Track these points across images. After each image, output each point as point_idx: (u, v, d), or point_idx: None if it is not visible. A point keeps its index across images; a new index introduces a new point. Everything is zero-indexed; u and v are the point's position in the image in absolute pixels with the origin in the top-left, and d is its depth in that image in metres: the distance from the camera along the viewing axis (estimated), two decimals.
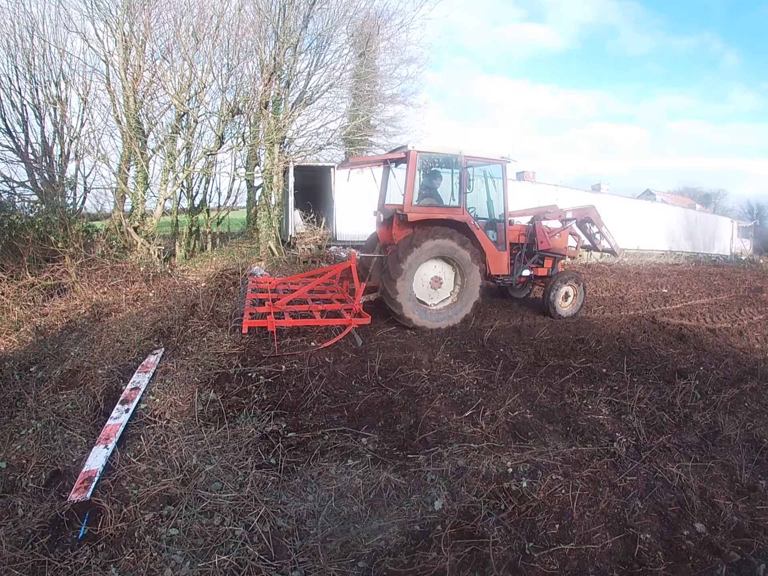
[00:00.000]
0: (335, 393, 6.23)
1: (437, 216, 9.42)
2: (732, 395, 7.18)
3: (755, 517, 4.38)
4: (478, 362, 7.63)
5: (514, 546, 3.72)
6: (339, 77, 20.77)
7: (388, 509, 4.11)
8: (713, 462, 5.23)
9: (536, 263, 11.26)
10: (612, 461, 5.00)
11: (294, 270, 15.26)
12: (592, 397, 6.61)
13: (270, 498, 4.20)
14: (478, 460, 4.76)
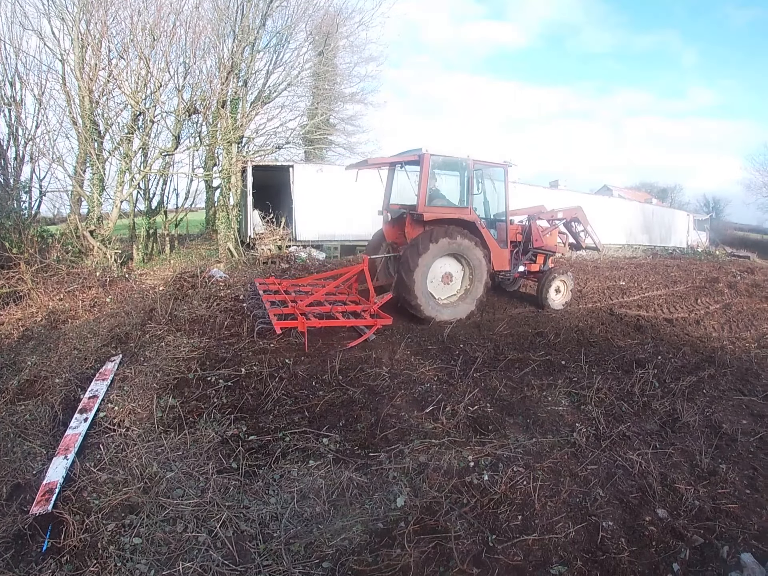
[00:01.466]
0: (296, 394, 6.15)
1: (449, 216, 9.98)
2: (690, 383, 7.35)
3: (716, 501, 4.47)
4: (438, 358, 7.66)
5: (477, 539, 3.73)
6: (297, 76, 20.72)
7: (351, 508, 4.09)
8: (673, 448, 5.33)
9: (530, 260, 12.03)
10: (572, 451, 5.06)
11: (254, 271, 15.11)
12: (552, 389, 6.71)
13: (232, 502, 4.14)
14: (440, 455, 4.76)
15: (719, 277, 19.16)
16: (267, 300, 9.31)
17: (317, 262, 17.18)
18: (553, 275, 11.79)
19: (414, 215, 9.87)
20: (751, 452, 5.58)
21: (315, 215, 19.07)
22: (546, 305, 11.76)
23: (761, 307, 14.80)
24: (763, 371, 8.56)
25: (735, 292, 16.67)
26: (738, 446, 5.63)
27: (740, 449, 5.58)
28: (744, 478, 4.97)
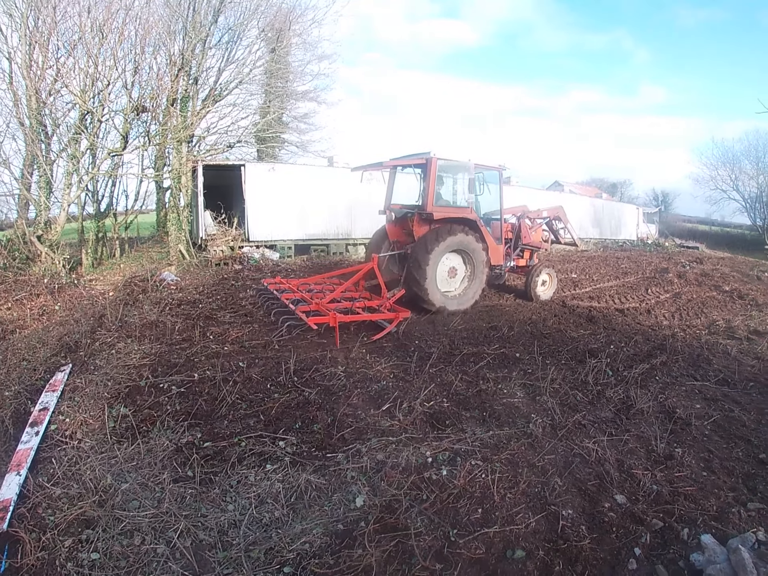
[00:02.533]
0: (250, 398, 6.05)
1: (454, 215, 10.78)
2: (643, 370, 7.52)
3: (674, 484, 4.55)
4: (394, 355, 7.67)
5: (438, 534, 3.71)
6: (249, 73, 20.47)
7: (310, 511, 4.03)
8: (628, 435, 5.42)
9: (518, 255, 12.98)
10: (529, 442, 5.08)
11: (205, 273, 14.88)
12: (507, 381, 6.76)
13: (189, 511, 4.04)
14: (397, 452, 4.74)
15: (669, 268, 19.70)
16: (287, 299, 9.76)
17: (271, 263, 16.99)
18: (539, 269, 12.80)
19: (423, 214, 10.54)
20: (706, 435, 5.70)
21: (268, 215, 18.89)
22: (534, 297, 12.65)
23: (710, 296, 15.26)
24: (715, 357, 8.79)
25: (684, 282, 17.17)
26: (692, 430, 5.75)
27: (695, 433, 5.70)
28: (700, 461, 5.07)
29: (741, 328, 11.31)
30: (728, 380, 7.60)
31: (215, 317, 9.36)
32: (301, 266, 16.74)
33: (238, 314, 9.63)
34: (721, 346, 9.58)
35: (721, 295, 15.66)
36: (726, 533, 3.84)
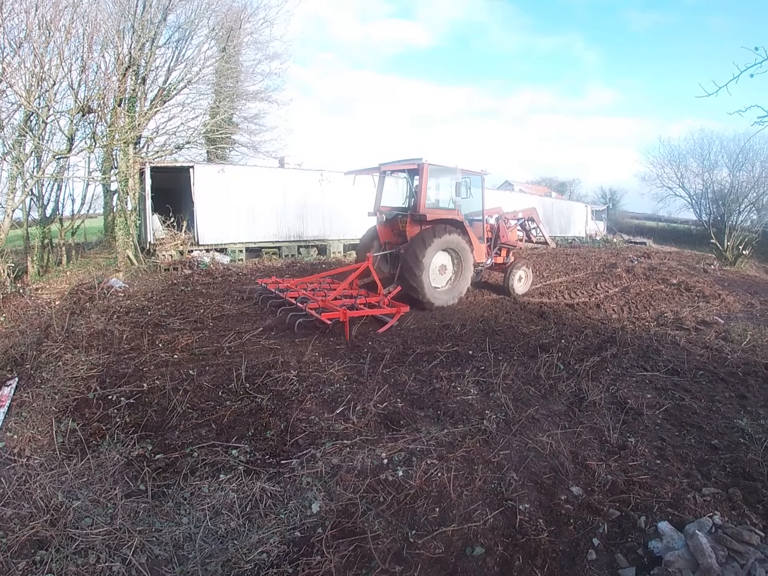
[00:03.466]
0: (201, 406, 5.92)
1: (444, 216, 11.52)
2: (594, 363, 7.66)
3: (629, 474, 4.63)
4: (347, 357, 7.63)
5: (397, 536, 3.68)
6: (198, 73, 19.94)
7: (266, 520, 3.95)
8: (582, 427, 5.50)
9: (496, 253, 13.79)
10: (484, 438, 5.11)
11: (154, 279, 14.51)
12: (460, 379, 6.79)
13: (143, 527, 3.92)
14: (353, 455, 4.70)
15: (617, 263, 20.10)
16: (291, 297, 10.36)
17: (221, 267, 16.70)
18: (516, 266, 13.70)
19: (415, 216, 11.24)
20: (658, 424, 5.83)
21: (218, 218, 18.55)
22: (512, 291, 13.45)
23: (658, 289, 15.65)
24: (664, 347, 8.99)
25: (633, 276, 17.57)
26: (644, 419, 5.87)
27: (647, 422, 5.82)
28: (653, 450, 5.18)
29: (689, 319, 11.63)
30: (678, 370, 7.79)
31: (164, 324, 9.16)
32: (253, 270, 16.50)
33: (188, 321, 9.45)
34: (670, 337, 9.82)
35: (668, 288, 16.06)
36: (683, 519, 3.91)
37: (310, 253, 20.76)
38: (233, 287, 12.90)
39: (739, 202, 33.68)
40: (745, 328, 10.79)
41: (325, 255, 21.09)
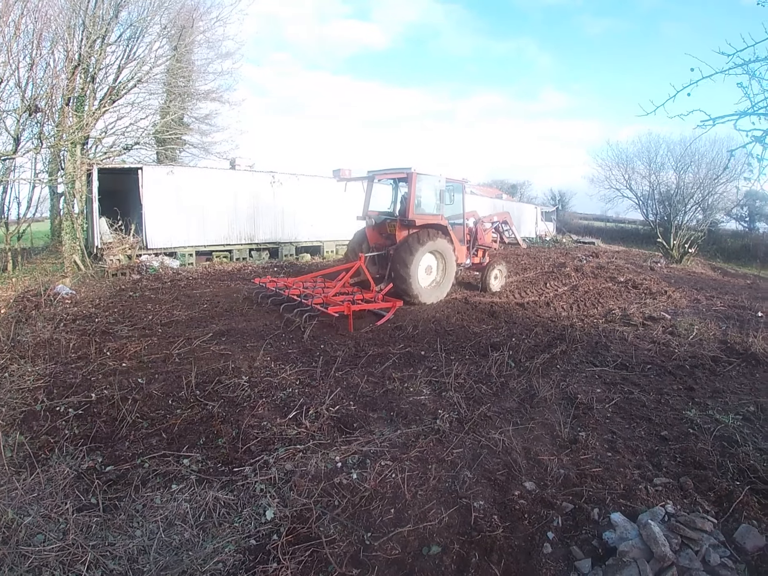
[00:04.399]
0: (151, 416, 5.77)
1: (431, 221, 12.40)
2: (544, 360, 7.79)
3: (580, 467, 4.72)
4: (299, 361, 7.57)
5: (353, 539, 3.67)
6: (149, 71, 19.44)
7: (221, 529, 3.88)
8: (533, 423, 5.58)
9: (474, 254, 14.78)
10: (437, 438, 5.13)
11: (102, 284, 14.10)
12: (413, 379, 6.83)
13: (96, 541, 3.80)
14: (306, 460, 4.66)
15: (566, 262, 20.56)
16: (294, 295, 11.22)
17: (171, 271, 16.38)
18: (492, 265, 14.77)
19: (404, 221, 12.12)
20: (608, 417, 5.95)
21: (167, 221, 18.13)
22: (488, 288, 14.54)
23: (606, 287, 16.06)
24: (612, 343, 9.19)
25: (581, 275, 18.02)
26: (595, 413, 6.00)
27: (597, 416, 5.94)
28: (604, 442, 5.29)
29: (636, 315, 11.92)
30: (626, 364, 7.97)
31: (112, 332, 8.92)
32: (203, 273, 16.25)
33: (137, 328, 9.23)
34: (618, 333, 10.05)
35: (616, 285, 16.50)
36: (635, 509, 3.99)
37: (262, 256, 20.49)
38: (183, 292, 12.69)
39: (684, 202, 34.61)
40: (692, 322, 11.12)
41: (277, 258, 20.82)
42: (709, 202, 34.87)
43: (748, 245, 41.51)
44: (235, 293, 12.60)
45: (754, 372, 8.15)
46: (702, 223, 34.86)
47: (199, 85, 23.34)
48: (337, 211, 22.49)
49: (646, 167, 39.05)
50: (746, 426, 5.92)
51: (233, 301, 11.50)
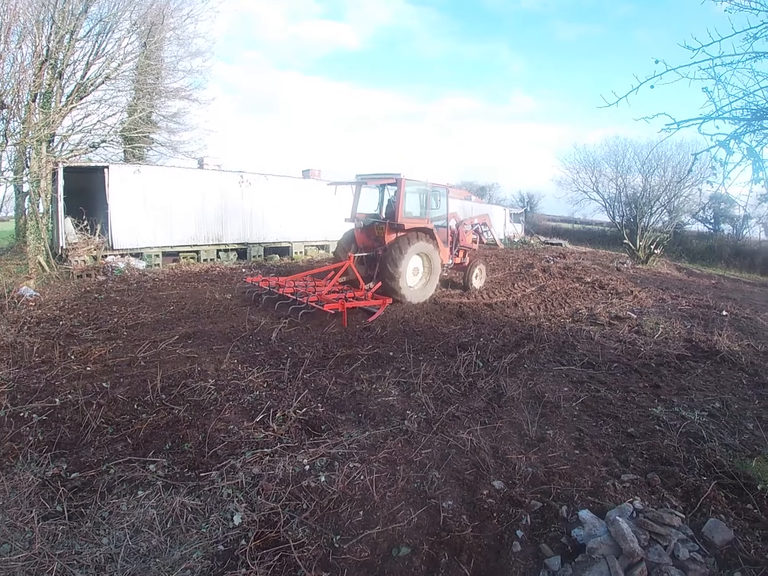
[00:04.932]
0: (117, 421, 5.66)
1: (418, 225, 12.90)
2: (512, 359, 7.86)
3: (548, 465, 4.77)
4: (266, 363, 7.49)
5: (322, 543, 3.64)
6: (117, 68, 19.01)
7: (188, 535, 3.83)
8: (501, 422, 5.63)
9: (455, 254, 15.31)
10: (406, 439, 5.14)
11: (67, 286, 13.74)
12: (381, 380, 6.83)
13: (63, 549, 3.72)
14: (273, 463, 4.62)
15: (534, 263, 20.79)
16: (288, 293, 11.62)
17: (137, 272, 16.06)
18: (473, 265, 15.39)
19: (393, 225, 12.57)
20: (575, 416, 6.03)
21: (134, 221, 17.70)
22: (470, 286, 15.11)
23: (573, 287, 16.27)
24: (579, 342, 9.31)
25: (549, 275, 18.24)
26: (562, 412, 6.07)
27: (564, 414, 6.01)
28: (571, 440, 5.36)
29: (603, 315, 12.10)
30: (593, 363, 8.08)
31: (77, 335, 8.73)
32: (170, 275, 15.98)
33: (102, 330, 9.04)
34: (585, 332, 10.19)
35: (583, 286, 16.72)
36: (603, 506, 4.04)
37: (230, 257, 20.14)
38: (149, 294, 12.46)
39: (651, 204, 34.99)
40: (657, 321, 11.33)
41: (246, 259, 20.49)
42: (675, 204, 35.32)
43: (713, 246, 42.44)
44: (202, 294, 12.46)
45: (719, 369, 8.33)
46: (668, 225, 35.34)
47: (169, 82, 22.88)
48: (306, 212, 22.36)
49: (613, 170, 39.47)
50: (712, 422, 6.06)
51: (200, 303, 11.35)
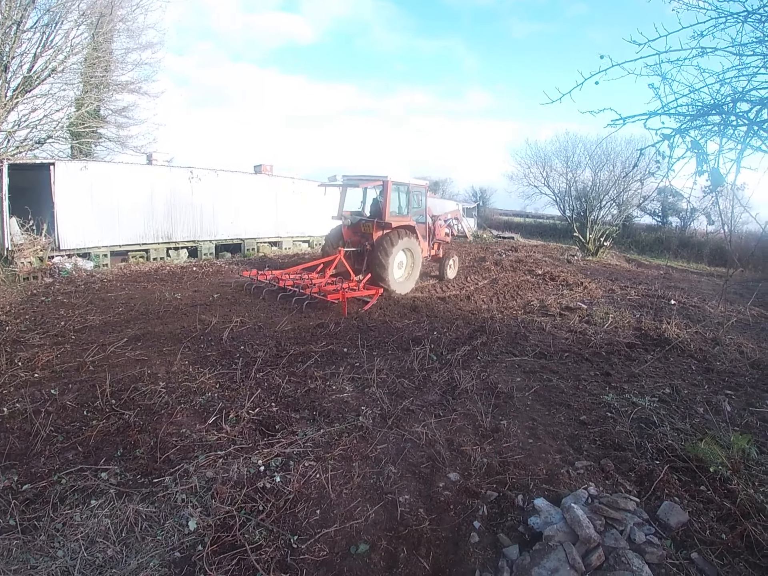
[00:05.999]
0: (66, 428, 5.49)
1: (402, 222, 13.99)
2: (465, 352, 7.94)
3: (503, 455, 4.83)
4: (218, 364, 7.34)
5: (279, 544, 3.62)
6: (65, 60, 18.35)
7: (144, 543, 3.76)
8: (455, 414, 5.68)
9: (431, 247, 16.45)
10: (361, 434, 5.14)
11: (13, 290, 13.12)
12: (335, 377, 6.81)
13: (18, 565, 3.61)
14: (227, 466, 4.55)
15: (486, 257, 21.05)
16: (290, 286, 12.30)
17: (84, 273, 15.51)
18: (448, 256, 16.72)
19: (381, 223, 13.61)
20: (528, 405, 6.14)
21: (81, 219, 17.08)
22: (445, 276, 16.43)
23: (525, 279, 16.58)
24: (531, 333, 9.47)
25: (501, 268, 18.53)
26: (515, 402, 6.17)
27: (517, 404, 6.11)
28: (525, 430, 5.45)
29: (554, 306, 12.35)
30: (545, 353, 8.23)
31: (24, 340, 8.40)
32: (119, 275, 15.50)
33: (49, 335, 8.73)
34: (537, 323, 10.38)
35: (534, 278, 17.04)
36: (559, 494, 4.12)
37: (180, 255, 19.65)
38: (97, 295, 12.06)
39: (600, 198, 35.65)
40: (607, 311, 11.60)
41: (196, 257, 20.03)
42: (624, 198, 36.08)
43: (661, 238, 43.55)
44: (152, 295, 12.13)
45: (668, 357, 8.57)
46: (617, 218, 36.07)
47: (118, 75, 22.01)
48: (258, 208, 22.12)
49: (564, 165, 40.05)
50: (662, 407, 6.23)
51: (149, 304, 11.04)
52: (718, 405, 6.46)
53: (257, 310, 10.70)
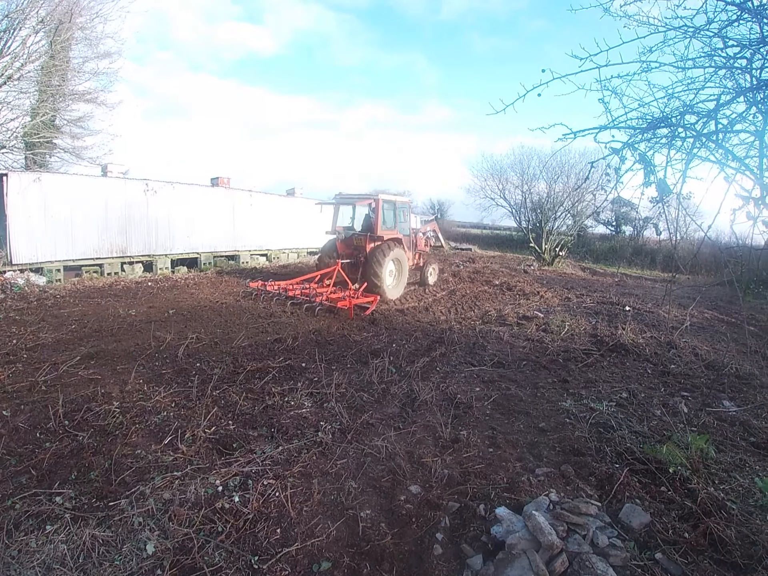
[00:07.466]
0: (19, 451, 5.30)
1: (391, 236, 15.52)
2: (424, 363, 7.98)
3: (463, 465, 4.86)
4: (174, 382, 7.18)
5: (240, 565, 3.56)
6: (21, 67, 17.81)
7: (102, 569, 3.65)
8: (415, 426, 5.70)
9: (414, 257, 17.82)
10: (320, 450, 5.11)
11: None
12: (293, 393, 6.74)
13: None
14: (185, 487, 4.45)
15: (444, 268, 21.18)
16: (297, 295, 13.77)
17: (37, 289, 15.05)
18: (428, 264, 18.29)
19: (373, 236, 15.11)
20: (488, 415, 6.19)
21: (33, 233, 16.55)
22: (426, 283, 18.04)
23: (482, 290, 16.80)
24: (489, 343, 9.56)
25: (459, 279, 18.80)
26: (474, 412, 6.21)
27: (477, 414, 6.16)
28: (485, 439, 5.49)
29: (511, 316, 12.51)
30: (503, 362, 8.32)
31: None
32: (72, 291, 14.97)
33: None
34: (495, 333, 10.48)
35: (491, 288, 17.27)
36: (520, 501, 4.14)
37: (135, 269, 19.15)
38: (49, 312, 11.69)
39: (555, 209, 36.18)
40: (563, 319, 11.77)
41: (152, 272, 19.52)
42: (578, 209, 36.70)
43: (615, 247, 44.67)
44: (105, 311, 11.82)
45: (624, 361, 8.75)
46: (572, 228, 36.65)
47: (74, 84, 21.52)
48: (214, 222, 21.86)
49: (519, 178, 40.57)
50: (620, 411, 6.35)
51: (103, 321, 10.78)
52: (674, 407, 6.62)
53: (213, 326, 10.49)
